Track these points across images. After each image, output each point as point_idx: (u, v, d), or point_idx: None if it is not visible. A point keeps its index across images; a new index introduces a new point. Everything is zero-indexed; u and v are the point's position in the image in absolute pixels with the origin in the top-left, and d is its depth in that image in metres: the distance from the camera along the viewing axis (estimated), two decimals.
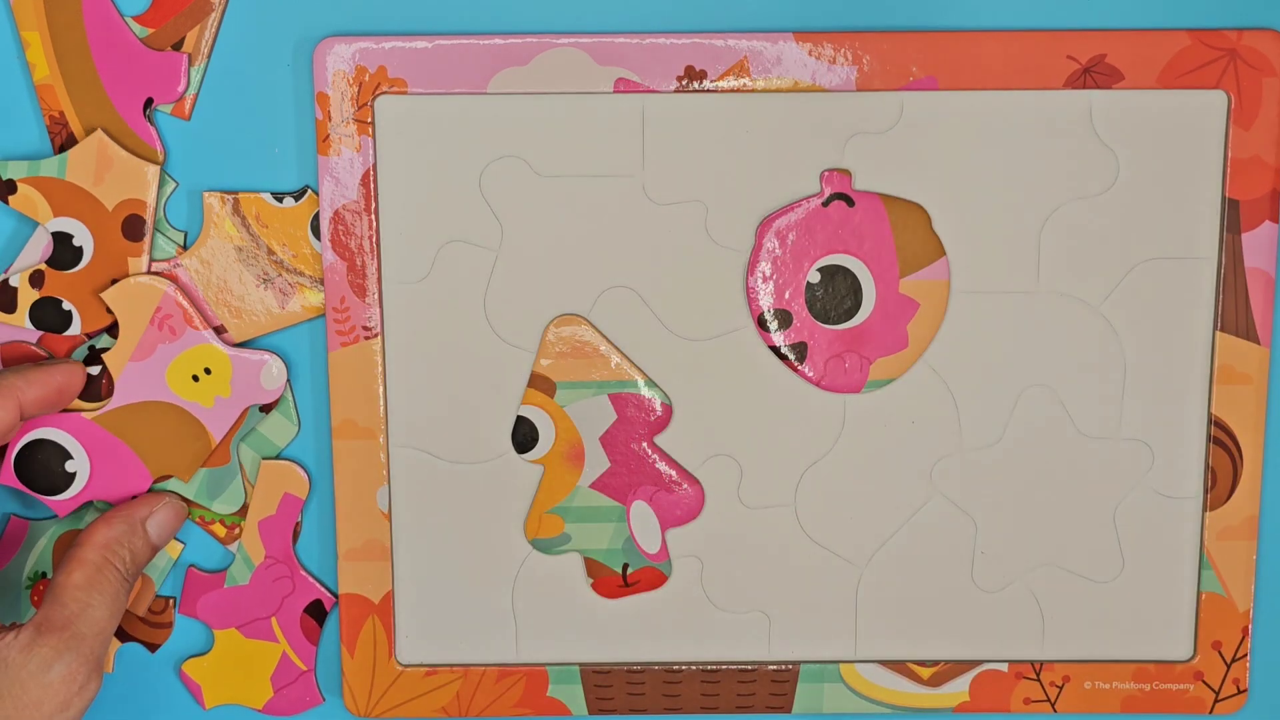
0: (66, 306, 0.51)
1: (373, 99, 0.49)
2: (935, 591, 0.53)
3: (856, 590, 0.53)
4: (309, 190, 0.51)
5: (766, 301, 0.51)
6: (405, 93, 0.49)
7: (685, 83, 0.49)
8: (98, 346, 0.51)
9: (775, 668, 0.54)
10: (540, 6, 0.50)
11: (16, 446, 0.51)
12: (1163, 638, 0.53)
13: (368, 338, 0.51)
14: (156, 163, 0.50)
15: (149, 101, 0.50)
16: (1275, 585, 0.54)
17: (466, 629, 0.54)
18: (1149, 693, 0.54)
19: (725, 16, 0.50)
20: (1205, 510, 0.52)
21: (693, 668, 0.54)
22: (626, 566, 0.53)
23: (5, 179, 0.50)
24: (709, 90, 0.49)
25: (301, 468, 0.53)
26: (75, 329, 0.51)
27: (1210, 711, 0.54)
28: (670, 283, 0.51)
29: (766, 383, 0.52)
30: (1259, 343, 0.51)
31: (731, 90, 0.49)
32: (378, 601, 0.53)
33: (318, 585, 0.54)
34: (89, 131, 0.50)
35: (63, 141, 0.51)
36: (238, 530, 0.53)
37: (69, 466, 0.51)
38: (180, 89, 0.50)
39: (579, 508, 0.53)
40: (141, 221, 0.50)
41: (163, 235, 0.51)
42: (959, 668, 0.54)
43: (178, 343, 0.50)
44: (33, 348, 0.51)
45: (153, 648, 0.55)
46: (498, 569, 0.53)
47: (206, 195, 0.51)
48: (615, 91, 0.49)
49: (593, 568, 0.53)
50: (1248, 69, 0.49)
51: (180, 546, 0.54)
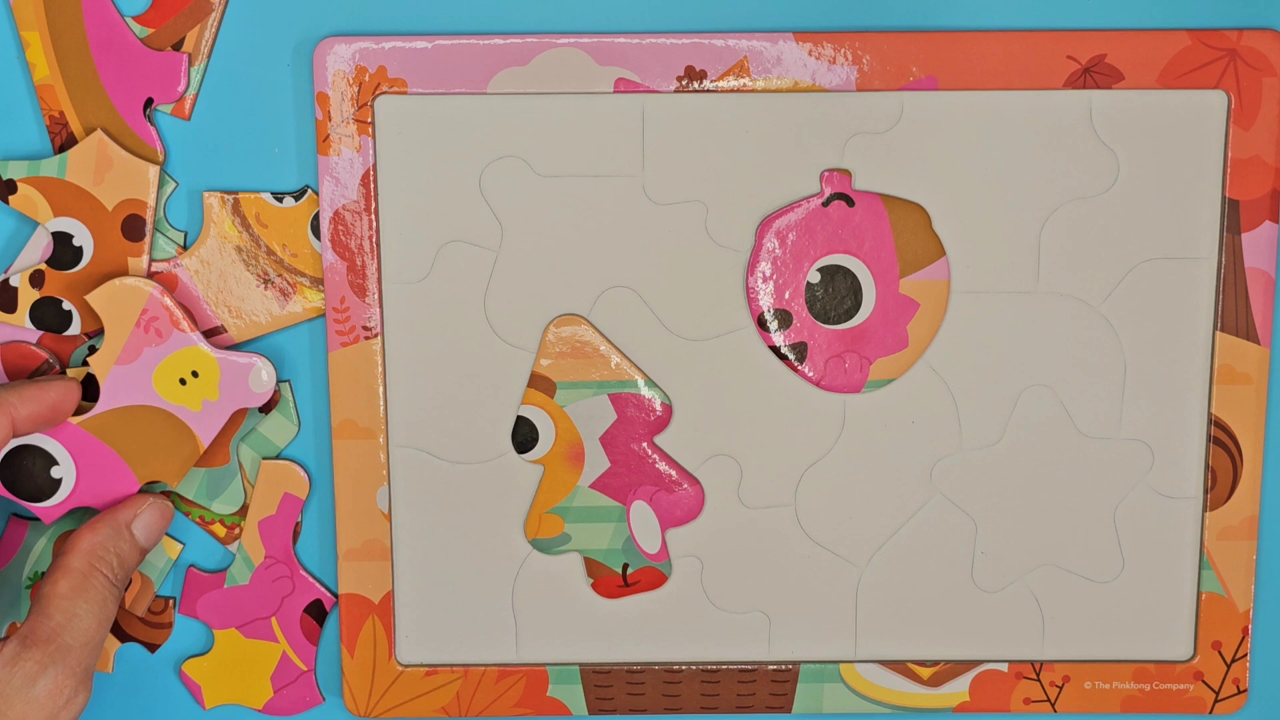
0: (66, 306, 0.51)
1: (373, 99, 0.49)
2: (935, 591, 0.53)
3: (856, 590, 0.53)
4: (309, 190, 0.51)
5: (766, 301, 0.51)
6: (405, 93, 0.49)
7: (685, 83, 0.49)
8: (97, 346, 0.51)
9: (775, 668, 0.54)
10: (540, 6, 0.50)
11: (0, 452, 0.50)
12: (1163, 638, 0.53)
13: (368, 338, 0.51)
14: (156, 163, 0.50)
15: (149, 101, 0.50)
16: (1275, 585, 0.54)
17: (466, 629, 0.54)
18: (1149, 693, 0.54)
19: (725, 16, 0.50)
20: (1205, 510, 0.52)
21: (693, 668, 0.54)
22: (626, 566, 0.53)
23: (5, 179, 0.50)
24: (709, 90, 0.49)
25: (301, 468, 0.53)
26: (75, 329, 0.51)
27: (1210, 711, 0.54)
28: (670, 283, 0.51)
29: (766, 383, 0.52)
30: (1259, 343, 0.51)
31: (731, 90, 0.49)
32: (378, 601, 0.53)
33: (318, 585, 0.54)
34: (89, 131, 0.50)
35: (63, 141, 0.51)
36: (238, 530, 0.53)
37: (54, 473, 0.50)
38: (180, 89, 0.50)
39: (579, 508, 0.53)
40: (141, 221, 0.50)
41: (163, 235, 0.51)
42: (959, 668, 0.54)
43: (164, 345, 0.49)
44: (33, 348, 0.51)
45: (153, 648, 0.55)
46: (498, 569, 0.53)
47: (206, 195, 0.51)
48: (615, 91, 0.49)
49: (593, 568, 0.53)
50: (1248, 69, 0.49)
51: (180, 546, 0.54)
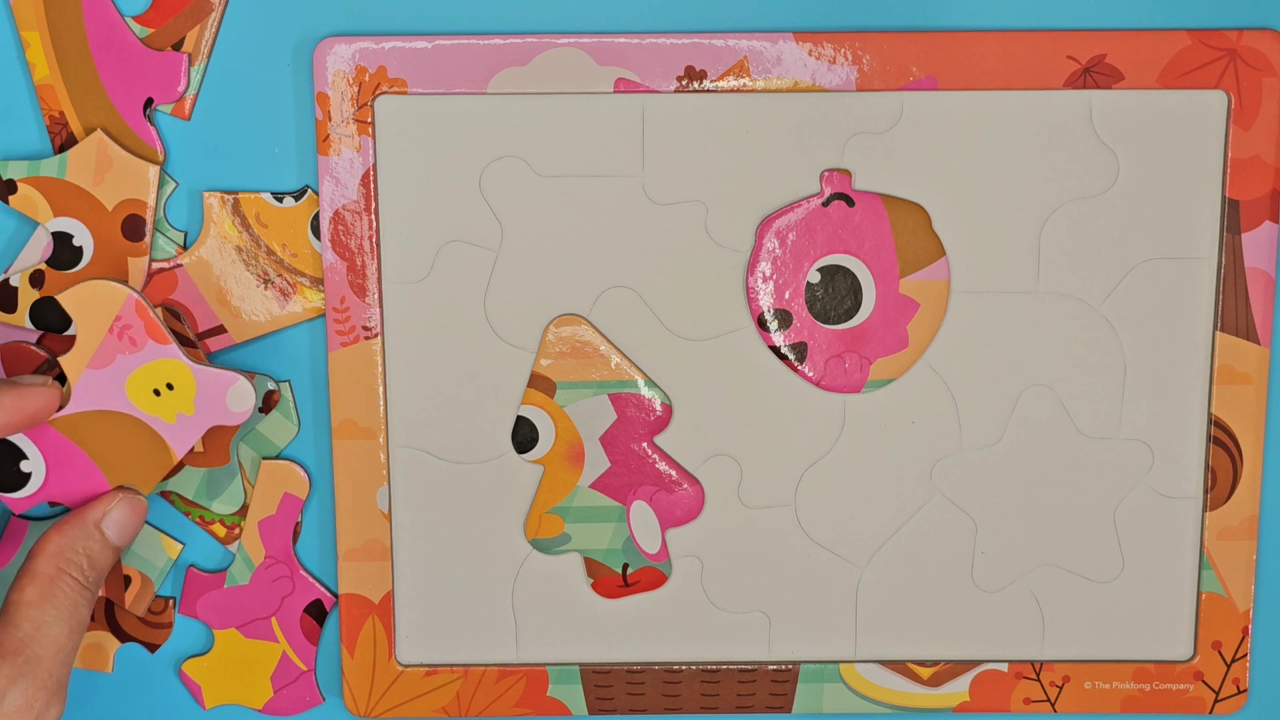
0: None
1: (373, 99, 0.49)
2: (935, 591, 0.53)
3: (856, 590, 0.53)
4: (309, 190, 0.51)
5: (766, 301, 0.51)
6: (405, 93, 0.49)
7: (685, 83, 0.49)
8: None
9: (775, 668, 0.54)
10: (540, 6, 0.50)
11: None
12: (1163, 638, 0.53)
13: (368, 338, 0.51)
14: (156, 163, 0.50)
15: (149, 101, 0.50)
16: (1275, 585, 0.54)
17: (466, 629, 0.54)
18: (1149, 693, 0.54)
19: (725, 16, 0.50)
20: (1205, 510, 0.52)
21: (693, 668, 0.54)
22: (626, 566, 0.53)
23: (5, 179, 0.50)
24: (709, 90, 0.49)
25: (301, 468, 0.53)
26: (75, 329, 0.51)
27: (1210, 711, 0.54)
28: (670, 283, 0.51)
29: (766, 383, 0.52)
30: (1259, 343, 0.51)
31: (731, 90, 0.49)
32: (378, 601, 0.53)
33: (318, 585, 0.54)
34: (89, 131, 0.50)
35: (63, 141, 0.51)
36: (238, 530, 0.53)
37: (24, 466, 0.48)
38: (180, 89, 0.50)
39: (579, 508, 0.53)
40: (141, 221, 0.50)
41: (163, 235, 0.51)
42: (959, 668, 0.54)
43: (138, 354, 0.46)
44: (32, 348, 0.51)
45: (152, 648, 0.55)
46: (498, 569, 0.53)
47: (206, 195, 0.51)
48: (615, 91, 0.49)
49: (593, 568, 0.53)
50: (1248, 69, 0.49)
51: (180, 546, 0.54)
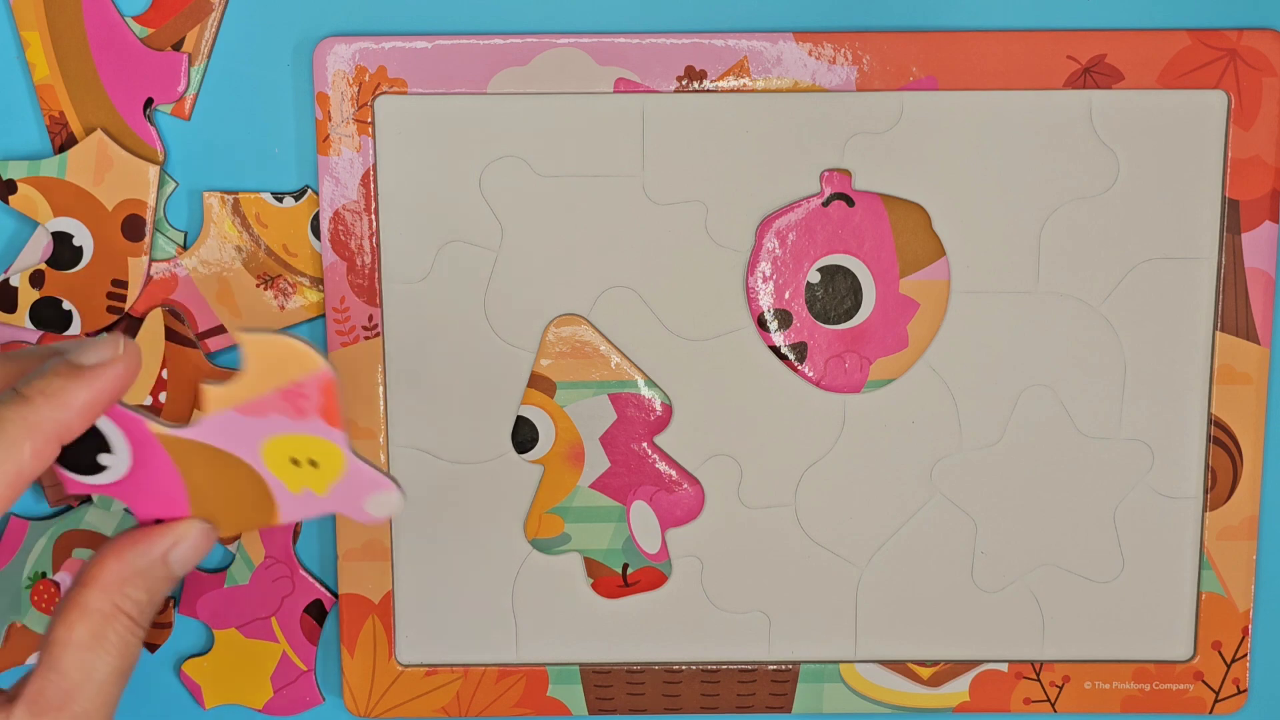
0: (66, 306, 0.51)
1: (373, 99, 0.49)
2: (935, 591, 0.53)
3: (856, 590, 0.53)
4: (309, 190, 0.51)
5: (766, 301, 0.51)
6: (405, 93, 0.49)
7: (685, 83, 0.49)
8: None
9: (775, 668, 0.54)
10: (540, 6, 0.50)
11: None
12: (1163, 638, 0.53)
13: (368, 338, 0.51)
14: (156, 163, 0.50)
15: (149, 101, 0.50)
16: (1275, 585, 0.54)
17: (466, 629, 0.54)
18: (1149, 693, 0.54)
19: (725, 16, 0.50)
20: (1205, 510, 0.52)
21: (693, 668, 0.54)
22: (626, 566, 0.53)
23: (5, 179, 0.50)
24: (709, 90, 0.49)
25: None
26: (75, 329, 0.51)
27: (1210, 711, 0.54)
28: (670, 283, 0.51)
29: (766, 383, 0.52)
30: (1259, 343, 0.51)
31: (731, 90, 0.49)
32: (378, 601, 0.53)
33: (318, 585, 0.54)
34: (89, 131, 0.50)
35: (63, 141, 0.51)
36: None
37: (103, 459, 0.40)
38: (180, 89, 0.50)
39: (579, 508, 0.53)
40: (141, 221, 0.50)
41: (163, 235, 0.51)
42: (959, 668, 0.54)
43: (299, 424, 0.39)
44: (32, 348, 0.51)
45: (153, 648, 0.55)
46: (498, 569, 0.53)
47: (206, 195, 0.51)
48: (615, 91, 0.49)
49: (593, 568, 0.53)
50: (1248, 69, 0.49)
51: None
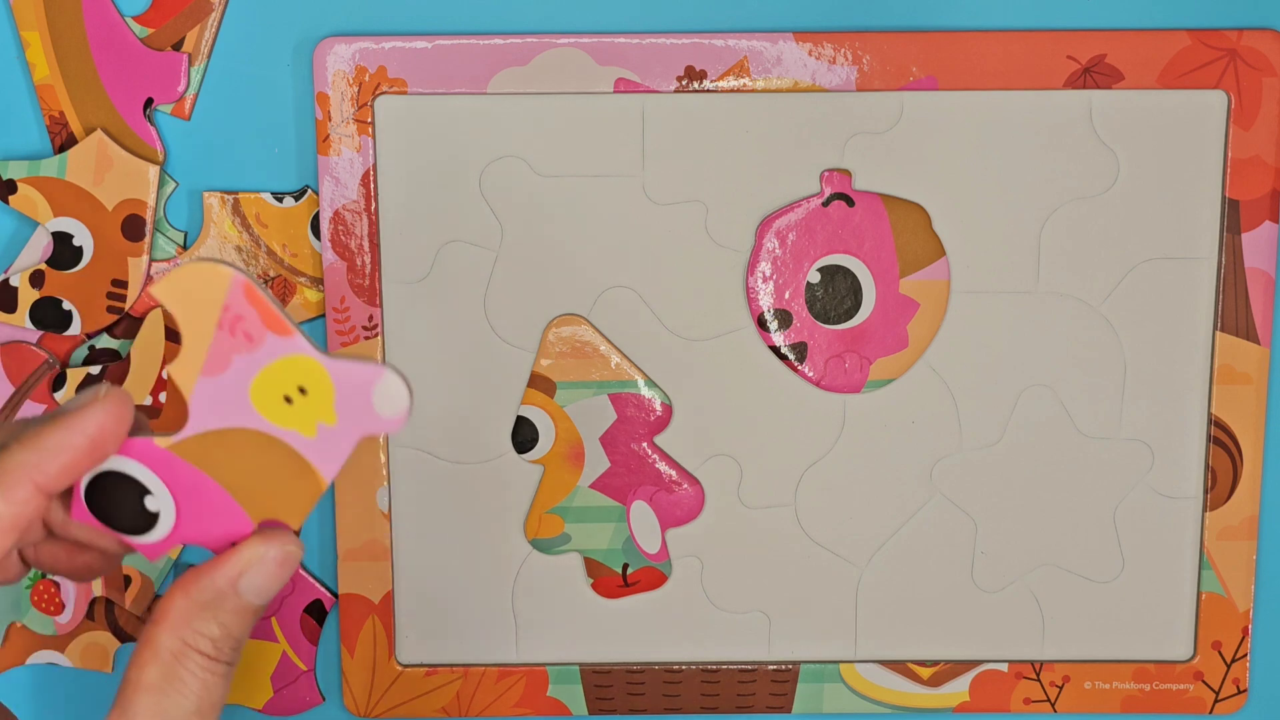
0: (66, 306, 0.51)
1: (373, 99, 0.49)
2: (935, 591, 0.53)
3: (856, 590, 0.53)
4: (309, 190, 0.51)
5: (766, 301, 0.51)
6: (405, 93, 0.49)
7: (685, 83, 0.49)
8: (97, 346, 0.51)
9: (775, 668, 0.54)
10: (540, 6, 0.50)
11: (84, 481, 0.37)
12: (1163, 638, 0.53)
13: (368, 338, 0.51)
14: (156, 163, 0.50)
15: (149, 101, 0.50)
16: (1275, 585, 0.54)
17: (466, 629, 0.54)
18: (1149, 693, 0.54)
19: (725, 16, 0.50)
20: (1205, 510, 0.52)
21: (693, 668, 0.54)
22: (626, 566, 0.53)
23: (5, 179, 0.50)
24: (709, 90, 0.49)
25: None
26: (75, 329, 0.51)
27: (1210, 711, 0.54)
28: (670, 283, 0.51)
29: (766, 383, 0.52)
30: (1259, 343, 0.51)
31: (731, 90, 0.49)
32: (378, 601, 0.53)
33: (318, 585, 0.54)
34: (89, 131, 0.50)
35: (63, 141, 0.51)
36: None
37: (149, 504, 0.38)
38: (180, 89, 0.50)
39: (579, 508, 0.53)
40: (141, 221, 0.50)
41: (163, 235, 0.51)
42: (959, 668, 0.54)
43: (258, 352, 0.36)
44: (32, 348, 0.51)
45: None
46: (498, 569, 0.53)
47: (206, 195, 0.51)
48: (615, 91, 0.49)
49: (593, 568, 0.53)
50: (1248, 69, 0.49)
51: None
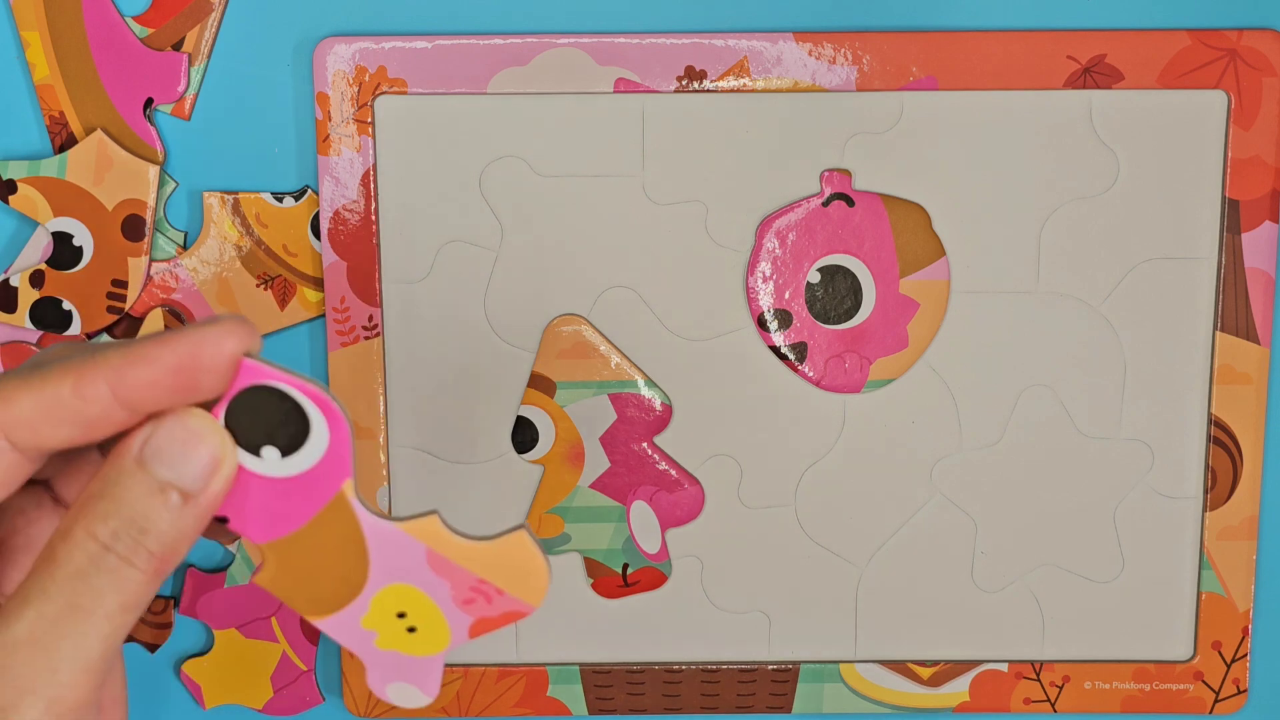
0: (66, 306, 0.51)
1: (373, 99, 0.49)
2: (935, 591, 0.53)
3: (856, 590, 0.53)
4: (309, 190, 0.51)
5: (766, 301, 0.51)
6: (405, 93, 0.49)
7: (685, 83, 0.49)
8: None
9: (775, 668, 0.54)
10: (540, 6, 0.50)
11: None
12: (1163, 638, 0.53)
13: (368, 338, 0.51)
14: (156, 163, 0.50)
15: (149, 101, 0.50)
16: (1275, 585, 0.54)
17: None
18: (1149, 693, 0.54)
19: (725, 16, 0.50)
20: (1205, 510, 0.52)
21: (693, 668, 0.54)
22: (626, 566, 0.53)
23: (5, 179, 0.50)
24: (709, 90, 0.49)
25: None
26: (75, 329, 0.51)
27: (1210, 711, 0.54)
28: (670, 283, 0.51)
29: (766, 383, 0.52)
30: (1259, 343, 0.51)
31: (731, 90, 0.49)
32: None
33: None
34: (89, 131, 0.50)
35: (63, 141, 0.51)
36: None
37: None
38: (180, 89, 0.50)
39: (579, 508, 0.53)
40: (141, 221, 0.50)
41: (163, 235, 0.51)
42: (959, 668, 0.54)
43: (449, 603, 0.31)
44: (32, 348, 0.51)
45: (152, 648, 0.55)
46: None
47: (206, 195, 0.51)
48: (615, 91, 0.49)
49: (593, 568, 0.53)
50: (1248, 69, 0.49)
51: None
